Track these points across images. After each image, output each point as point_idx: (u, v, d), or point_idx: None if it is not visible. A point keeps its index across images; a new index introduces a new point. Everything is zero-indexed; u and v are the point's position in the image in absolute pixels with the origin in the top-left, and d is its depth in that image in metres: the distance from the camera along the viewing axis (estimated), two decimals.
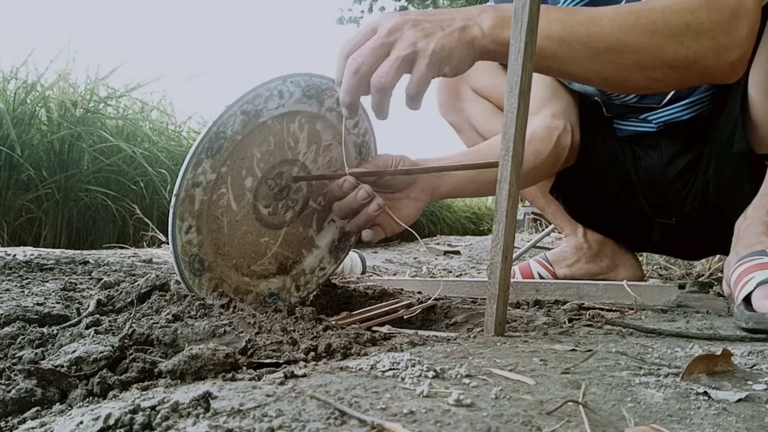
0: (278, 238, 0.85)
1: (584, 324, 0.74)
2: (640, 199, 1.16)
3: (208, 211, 0.76)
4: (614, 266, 1.26)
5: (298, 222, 0.87)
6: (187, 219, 0.73)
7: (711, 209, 1.06)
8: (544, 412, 0.36)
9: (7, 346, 0.55)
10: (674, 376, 0.45)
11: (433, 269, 1.81)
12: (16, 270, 1.06)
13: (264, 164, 0.80)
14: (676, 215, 1.13)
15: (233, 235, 0.80)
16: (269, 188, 0.82)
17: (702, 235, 1.13)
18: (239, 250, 0.81)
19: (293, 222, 0.86)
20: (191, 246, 0.74)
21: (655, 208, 1.15)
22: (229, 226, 0.79)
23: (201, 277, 0.74)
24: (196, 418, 0.34)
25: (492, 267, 0.60)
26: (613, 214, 1.22)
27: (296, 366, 0.49)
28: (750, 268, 0.74)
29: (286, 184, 0.83)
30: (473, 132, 1.28)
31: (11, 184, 2.20)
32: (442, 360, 0.49)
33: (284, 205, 0.84)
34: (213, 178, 0.74)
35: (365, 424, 0.33)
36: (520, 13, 0.59)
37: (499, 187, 0.60)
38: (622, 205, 1.19)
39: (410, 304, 0.83)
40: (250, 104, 0.74)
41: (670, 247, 1.28)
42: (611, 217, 1.23)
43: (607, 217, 1.24)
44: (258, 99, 0.74)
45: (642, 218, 1.18)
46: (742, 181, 0.97)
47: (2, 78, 2.38)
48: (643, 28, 0.73)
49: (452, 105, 1.33)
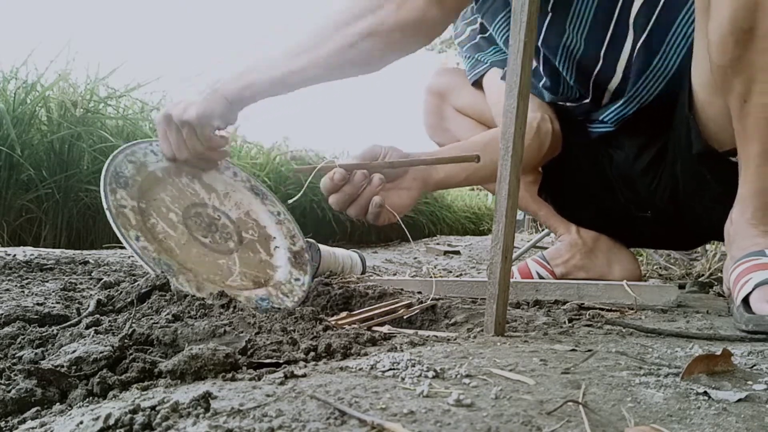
0: (235, 260, 0.86)
1: (584, 324, 0.74)
2: (618, 195, 1.20)
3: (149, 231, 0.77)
4: (609, 262, 1.27)
5: (246, 249, 0.88)
6: (131, 231, 0.75)
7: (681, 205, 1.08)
8: (544, 412, 0.36)
9: (7, 346, 0.55)
10: (674, 376, 0.45)
11: (433, 269, 1.81)
12: (16, 270, 1.06)
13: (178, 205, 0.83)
14: (651, 209, 1.15)
15: (189, 255, 0.80)
16: (196, 224, 0.84)
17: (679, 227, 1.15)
18: (203, 267, 0.81)
19: (240, 249, 0.87)
20: (149, 251, 0.75)
21: (631, 203, 1.18)
22: (179, 247, 0.80)
23: (177, 278, 0.74)
24: (196, 418, 0.34)
25: (492, 267, 0.60)
26: (598, 211, 1.25)
27: (296, 366, 0.49)
28: (748, 268, 0.74)
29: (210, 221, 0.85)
30: None
31: (11, 184, 2.20)
32: (442, 360, 0.49)
33: (221, 236, 0.86)
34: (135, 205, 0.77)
35: (365, 424, 0.33)
36: (519, 13, 0.59)
37: (499, 187, 0.60)
38: (604, 202, 1.23)
39: (410, 304, 0.83)
40: (132, 156, 0.81)
41: (658, 240, 1.30)
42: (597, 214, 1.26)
43: (593, 214, 1.26)
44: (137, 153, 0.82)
45: (624, 214, 1.21)
46: (706, 179, 0.97)
47: (2, 78, 2.38)
48: None
49: (438, 126, 1.41)
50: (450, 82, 1.39)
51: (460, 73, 1.39)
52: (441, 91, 1.40)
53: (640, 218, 1.19)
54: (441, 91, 1.40)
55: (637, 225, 1.22)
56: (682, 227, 1.15)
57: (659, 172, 1.09)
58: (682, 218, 1.11)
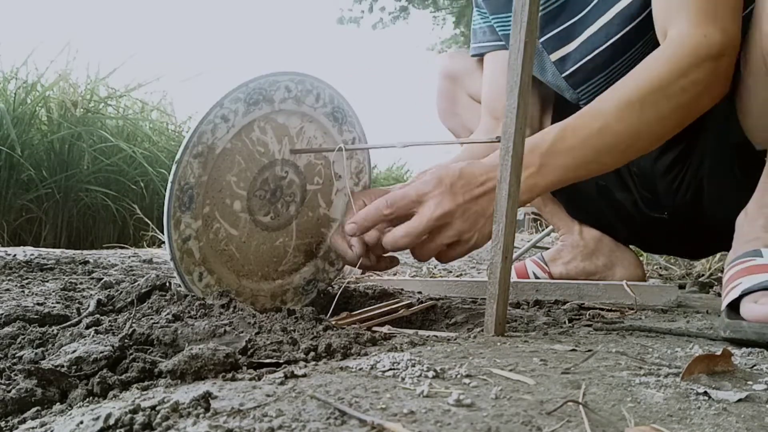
0: (292, 233, 0.85)
1: (584, 324, 0.74)
2: (633, 192, 1.17)
3: (210, 251, 0.76)
4: (611, 264, 1.26)
5: (305, 209, 0.87)
6: (195, 270, 0.74)
7: (703, 204, 1.06)
8: (544, 412, 0.36)
9: (7, 346, 0.55)
10: (674, 376, 0.45)
11: (433, 269, 1.81)
12: (16, 270, 1.06)
13: (244, 183, 0.80)
14: (669, 209, 1.13)
15: (247, 255, 0.81)
16: (260, 198, 0.82)
17: (695, 231, 1.13)
18: (259, 263, 0.82)
19: (300, 212, 0.86)
20: (211, 288, 0.75)
21: (647, 202, 1.16)
22: (238, 250, 0.80)
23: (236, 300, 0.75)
24: (196, 418, 0.34)
25: (492, 267, 0.61)
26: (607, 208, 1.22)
27: (296, 366, 0.49)
28: (739, 272, 0.72)
29: (275, 185, 0.83)
30: None
31: (11, 184, 2.20)
32: (442, 360, 0.49)
33: (283, 203, 0.84)
34: (200, 224, 0.75)
35: (365, 424, 0.33)
36: (520, 13, 0.59)
37: (499, 187, 0.60)
38: (615, 198, 1.20)
39: (410, 304, 0.83)
40: (197, 146, 0.73)
41: (668, 244, 1.27)
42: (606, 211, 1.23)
43: (602, 211, 1.24)
44: (204, 137, 0.74)
45: (636, 213, 1.18)
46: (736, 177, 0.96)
47: (2, 78, 2.38)
48: (649, 117, 0.78)
49: (450, 111, 1.36)
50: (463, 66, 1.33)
51: None
52: (453, 74, 1.35)
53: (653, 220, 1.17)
54: (453, 75, 1.35)
55: (644, 224, 1.20)
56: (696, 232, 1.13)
57: (682, 172, 1.07)
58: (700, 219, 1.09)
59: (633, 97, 0.78)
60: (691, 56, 0.77)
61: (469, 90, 1.31)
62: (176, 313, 0.63)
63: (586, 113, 0.80)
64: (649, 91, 0.77)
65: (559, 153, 0.77)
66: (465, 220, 0.76)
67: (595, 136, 0.78)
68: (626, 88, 0.79)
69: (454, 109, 1.35)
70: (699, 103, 0.80)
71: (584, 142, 0.78)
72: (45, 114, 2.44)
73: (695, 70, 0.77)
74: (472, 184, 0.77)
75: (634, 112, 0.78)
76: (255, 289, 0.82)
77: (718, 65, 0.78)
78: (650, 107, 0.78)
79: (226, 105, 0.75)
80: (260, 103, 0.78)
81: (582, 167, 0.79)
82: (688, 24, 0.79)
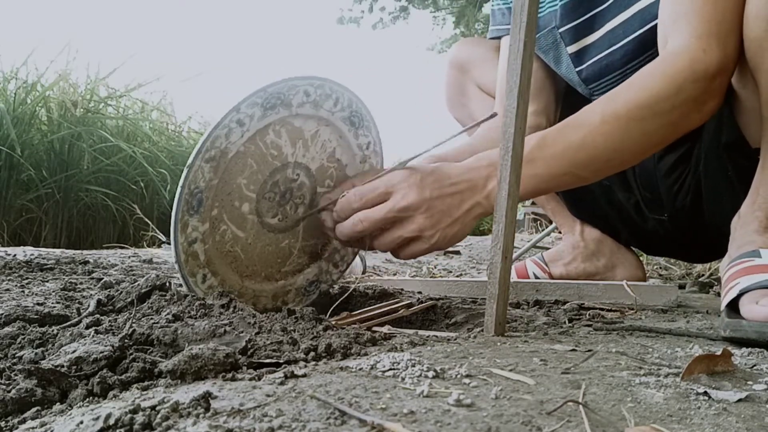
0: (298, 234, 0.85)
1: (584, 324, 0.74)
2: (635, 193, 1.16)
3: (216, 253, 0.76)
4: (612, 266, 1.25)
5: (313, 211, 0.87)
6: (199, 272, 0.74)
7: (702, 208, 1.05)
8: (544, 412, 0.36)
9: (7, 346, 0.55)
10: (674, 376, 0.45)
11: (433, 269, 1.81)
12: (16, 270, 1.06)
13: (254, 185, 0.78)
14: (669, 211, 1.12)
15: (252, 256, 0.80)
16: (270, 200, 0.81)
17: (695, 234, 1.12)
18: (264, 263, 0.82)
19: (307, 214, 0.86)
20: (213, 289, 0.75)
21: (648, 203, 1.15)
22: (244, 251, 0.79)
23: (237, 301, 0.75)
24: (196, 418, 0.34)
25: (492, 267, 0.61)
26: (609, 208, 1.22)
27: (296, 366, 0.49)
28: (738, 272, 0.72)
29: (285, 188, 0.82)
30: None
31: (11, 184, 2.20)
32: (442, 360, 0.49)
33: (292, 205, 0.83)
34: (207, 227, 0.74)
35: (365, 424, 0.33)
36: (519, 13, 0.59)
37: (499, 187, 0.60)
38: (617, 198, 1.19)
39: (410, 304, 0.83)
40: (210, 151, 0.72)
41: (668, 247, 1.27)
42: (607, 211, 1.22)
43: (604, 211, 1.23)
44: (217, 141, 0.72)
45: (637, 214, 1.18)
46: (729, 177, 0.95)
47: (2, 78, 2.39)
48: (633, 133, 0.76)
49: (458, 101, 1.33)
50: (472, 54, 1.30)
51: (483, 44, 1.29)
52: (462, 63, 1.32)
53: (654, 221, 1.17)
54: (462, 64, 1.32)
55: (645, 226, 1.19)
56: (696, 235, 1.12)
57: (684, 174, 1.06)
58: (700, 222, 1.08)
59: (621, 111, 0.76)
60: (686, 71, 0.75)
61: (479, 81, 1.28)
62: (176, 313, 0.63)
63: (570, 124, 0.78)
64: (637, 106, 0.75)
65: (533, 162, 0.75)
66: (428, 217, 0.74)
67: (575, 148, 0.76)
68: (615, 102, 0.77)
69: (461, 99, 1.32)
70: (688, 120, 0.78)
71: (563, 154, 0.76)
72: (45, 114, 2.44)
73: (689, 86, 0.75)
74: (443, 182, 0.75)
75: (619, 127, 0.76)
76: (257, 289, 0.81)
77: (712, 84, 0.76)
78: (636, 123, 0.76)
79: (243, 110, 0.73)
80: (277, 108, 0.77)
81: (556, 179, 0.77)
82: (690, 35, 0.77)
